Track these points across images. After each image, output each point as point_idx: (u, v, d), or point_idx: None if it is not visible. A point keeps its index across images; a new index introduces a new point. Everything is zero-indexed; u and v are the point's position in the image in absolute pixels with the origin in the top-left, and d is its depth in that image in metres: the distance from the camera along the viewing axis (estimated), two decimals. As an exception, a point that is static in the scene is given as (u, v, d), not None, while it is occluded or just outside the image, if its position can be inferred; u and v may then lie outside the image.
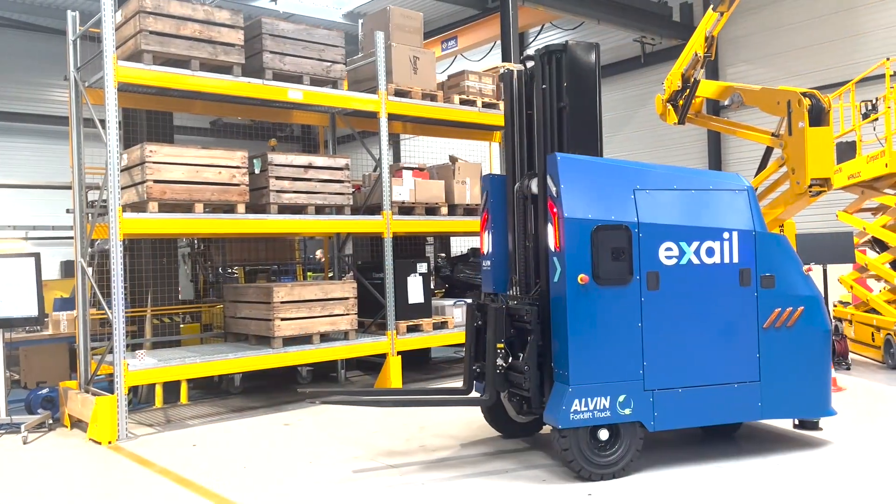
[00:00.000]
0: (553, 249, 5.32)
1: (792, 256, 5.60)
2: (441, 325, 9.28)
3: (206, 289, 10.40)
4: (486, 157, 13.31)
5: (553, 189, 5.31)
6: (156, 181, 7.06)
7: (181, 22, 7.26)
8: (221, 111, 8.78)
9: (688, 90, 10.68)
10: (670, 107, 11.08)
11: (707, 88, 10.89)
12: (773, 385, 5.42)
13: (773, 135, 9.93)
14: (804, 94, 9.15)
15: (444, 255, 12.43)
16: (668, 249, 5.31)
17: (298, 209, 8.11)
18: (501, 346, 5.73)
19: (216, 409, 8.17)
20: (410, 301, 9.02)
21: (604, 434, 5.13)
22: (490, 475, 5.30)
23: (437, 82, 9.50)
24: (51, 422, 7.42)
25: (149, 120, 8.96)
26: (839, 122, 10.82)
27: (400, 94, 8.90)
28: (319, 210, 8.23)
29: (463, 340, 9.95)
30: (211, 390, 9.13)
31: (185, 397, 8.53)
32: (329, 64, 8.32)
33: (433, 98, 9.19)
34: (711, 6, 9.97)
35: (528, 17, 16.53)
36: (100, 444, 6.66)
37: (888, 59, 9.95)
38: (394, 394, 7.13)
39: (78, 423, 7.40)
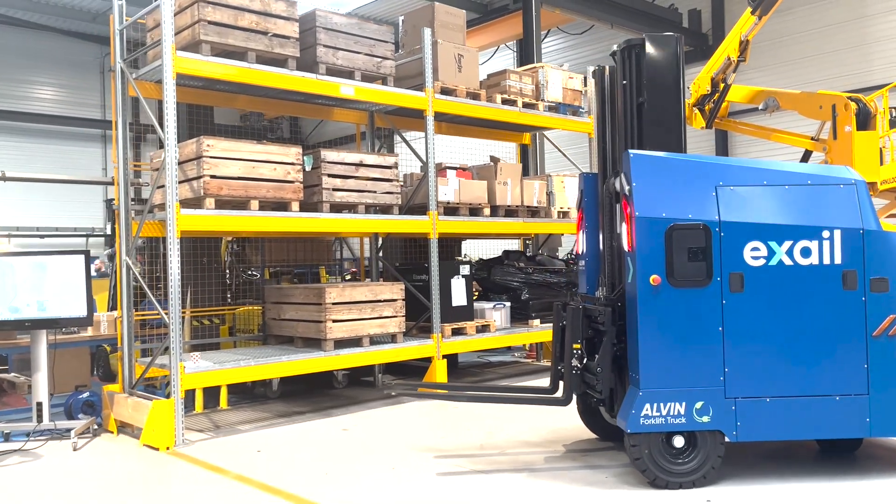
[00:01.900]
0: (626, 249, 5.20)
1: None
2: (483, 329, 9.11)
3: (242, 290, 10.09)
4: (511, 157, 13.20)
5: (626, 187, 5.19)
6: (213, 176, 6.80)
7: (239, 12, 7.03)
8: (265, 107, 8.54)
9: (717, 94, 10.69)
10: (697, 111, 11.07)
11: (738, 93, 10.92)
12: (885, 400, 4.93)
13: (812, 138, 9.97)
14: (850, 98, 9.20)
15: (462, 257, 12.27)
16: (755, 250, 5.01)
17: (349, 208, 7.90)
18: (578, 346, 5.61)
19: (261, 414, 7.90)
20: (454, 304, 8.84)
21: (679, 441, 4.93)
22: (586, 479, 5.15)
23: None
24: (95, 427, 7.09)
25: (189, 115, 8.67)
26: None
27: (445, 91, 8.73)
28: (369, 209, 8.03)
29: (505, 345, 9.93)
30: (246, 395, 8.85)
31: (224, 402, 8.25)
32: (379, 60, 8.13)
33: (476, 97, 9.04)
34: (750, 9, 9.99)
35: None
36: (157, 449, 6.38)
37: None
38: (473, 390, 6.93)
39: (123, 428, 7.09)
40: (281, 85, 7.32)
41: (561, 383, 5.83)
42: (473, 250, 15.48)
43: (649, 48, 5.66)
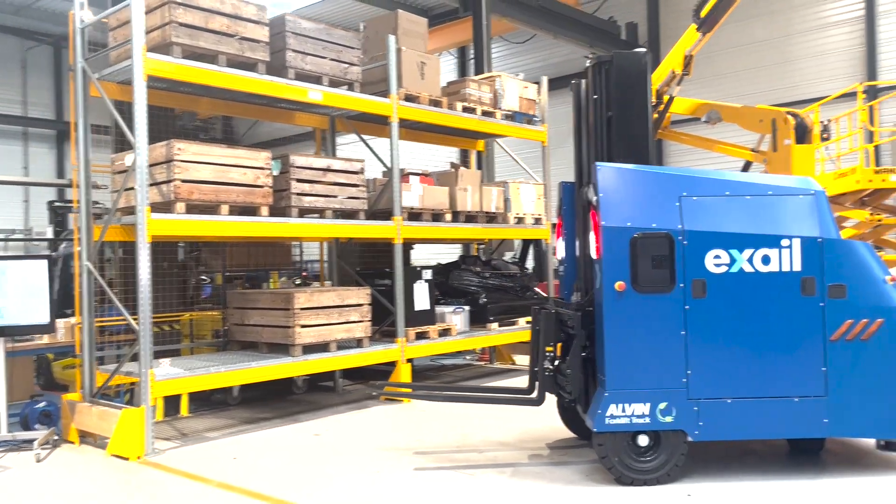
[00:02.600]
0: (594, 257, 5.44)
1: (869, 265, 5.21)
2: (445, 332, 9.24)
3: (196, 295, 9.89)
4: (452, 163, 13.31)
5: (594, 198, 5.41)
6: (184, 180, 6.70)
7: (209, 15, 6.95)
8: (228, 109, 8.43)
9: (661, 106, 11.15)
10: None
11: (682, 105, 11.40)
12: (842, 401, 5.09)
13: (753, 150, 10.52)
14: (789, 113, 9.76)
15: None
16: (717, 257, 5.20)
17: (317, 213, 7.90)
18: (551, 349, 5.83)
19: (225, 420, 7.80)
20: (417, 308, 8.94)
21: (644, 440, 5.14)
22: (566, 478, 5.34)
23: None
24: (55, 438, 6.86)
25: (151, 117, 8.44)
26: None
27: (409, 98, 8.83)
28: (336, 214, 8.04)
29: (466, 348, 10.07)
30: (204, 402, 8.70)
31: (185, 409, 8.10)
32: (347, 66, 8.16)
33: (438, 104, 9.16)
34: (695, 25, 10.45)
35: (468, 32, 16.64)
36: (126, 459, 6.23)
37: (860, 83, 10.71)
38: (448, 391, 7.03)
39: (84, 438, 6.89)
40: (252, 89, 7.27)
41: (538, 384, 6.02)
42: (417, 256, 15.60)
43: (618, 64, 5.90)
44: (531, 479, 5.35)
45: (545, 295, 10.87)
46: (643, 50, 6.20)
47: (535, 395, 5.90)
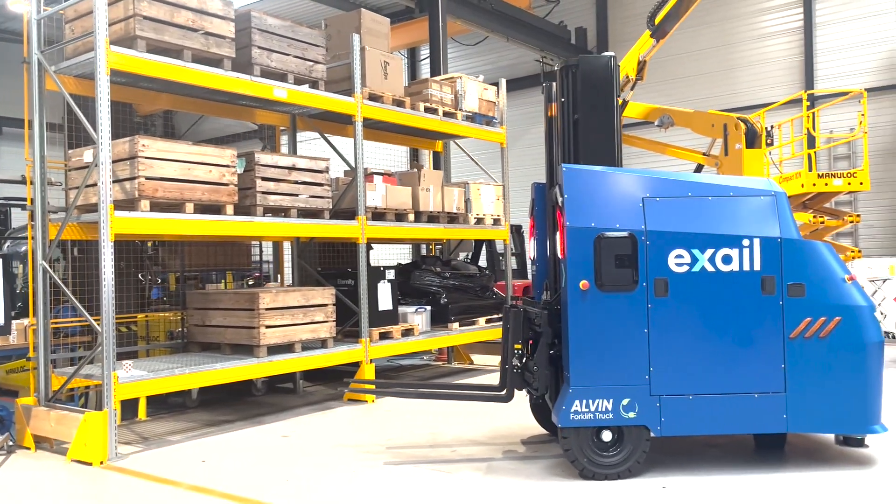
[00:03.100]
0: (560, 257, 5.56)
1: (828, 264, 5.32)
2: (408, 332, 9.24)
3: (162, 295, 9.62)
4: (405, 164, 13.32)
5: (560, 199, 5.52)
6: (148, 178, 6.54)
7: (175, 9, 6.80)
8: (188, 106, 8.24)
9: (615, 110, 11.36)
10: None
11: (635, 109, 11.68)
12: (801, 397, 5.22)
13: (704, 154, 10.85)
14: (739, 119, 10.10)
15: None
16: (679, 257, 5.30)
17: (282, 211, 7.81)
18: (519, 346, 5.92)
19: (186, 423, 7.63)
20: (380, 308, 8.92)
21: (607, 435, 5.25)
22: (541, 472, 5.42)
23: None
24: (10, 444, 6.60)
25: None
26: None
27: (373, 98, 8.81)
28: (301, 213, 7.96)
29: (429, 348, 10.07)
30: (161, 405, 8.50)
31: (143, 413, 7.88)
32: (312, 63, 8.09)
33: (401, 104, 9.16)
34: (649, 32, 10.73)
35: (422, 32, 16.68)
36: (89, 464, 6.04)
37: (805, 91, 11.14)
38: (419, 388, 7.05)
39: (40, 444, 6.66)
40: (218, 86, 7.14)
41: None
42: (371, 256, 15.53)
43: (584, 68, 6.02)
44: (507, 475, 5.41)
45: (503, 295, 10.99)
46: (610, 54, 6.32)
47: (504, 392, 5.99)
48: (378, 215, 8.87)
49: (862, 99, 10.08)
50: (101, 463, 6.07)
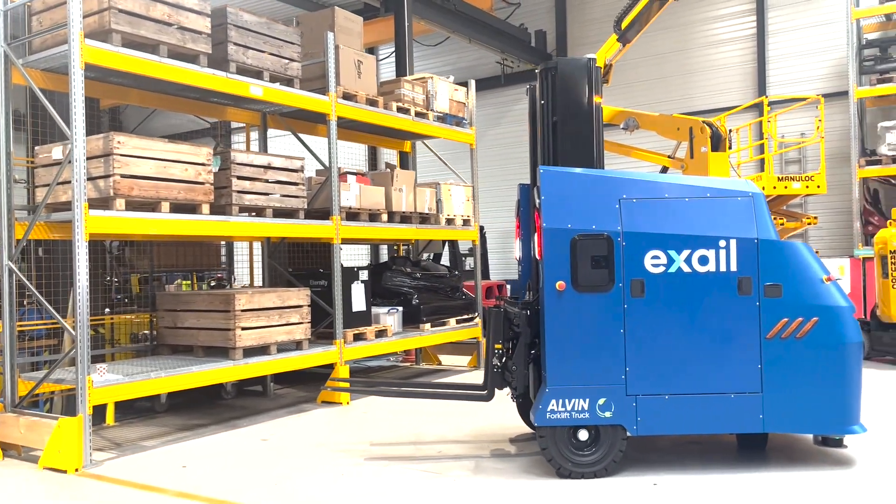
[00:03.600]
0: (538, 258, 5.61)
1: (805, 265, 5.34)
2: (381, 334, 9.18)
3: (129, 297, 9.33)
4: (363, 162, 13.19)
5: (537, 200, 5.57)
6: (123, 175, 6.35)
7: (151, 3, 6.62)
8: (157, 102, 8.02)
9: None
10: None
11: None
12: (778, 397, 5.25)
13: (670, 157, 11.06)
14: (705, 122, 10.33)
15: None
16: (655, 258, 5.33)
17: (257, 211, 7.68)
18: (499, 346, 5.95)
19: (158, 428, 7.44)
20: (354, 309, 8.84)
21: (584, 434, 5.30)
22: (532, 470, 5.46)
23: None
24: (-25, 452, 6.34)
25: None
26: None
27: (347, 97, 8.74)
28: (276, 212, 7.84)
29: (402, 348, 10.02)
30: (129, 410, 8.26)
31: (111, 418, 7.64)
32: (287, 61, 7.97)
33: (374, 103, 9.10)
34: (615, 36, 10.89)
35: (386, 31, 16.63)
36: (64, 472, 5.83)
37: (766, 96, 11.45)
38: (400, 387, 7.02)
39: (8, 451, 6.40)
40: (194, 82, 6.97)
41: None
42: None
43: (561, 71, 6.06)
44: (496, 475, 5.42)
45: (472, 295, 11.01)
46: (590, 56, 6.40)
47: (486, 391, 6.01)
48: (352, 215, 8.80)
49: (819, 105, 10.42)
50: (76, 470, 5.86)
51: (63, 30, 6.35)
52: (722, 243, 5.34)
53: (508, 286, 16.39)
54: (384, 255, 18.78)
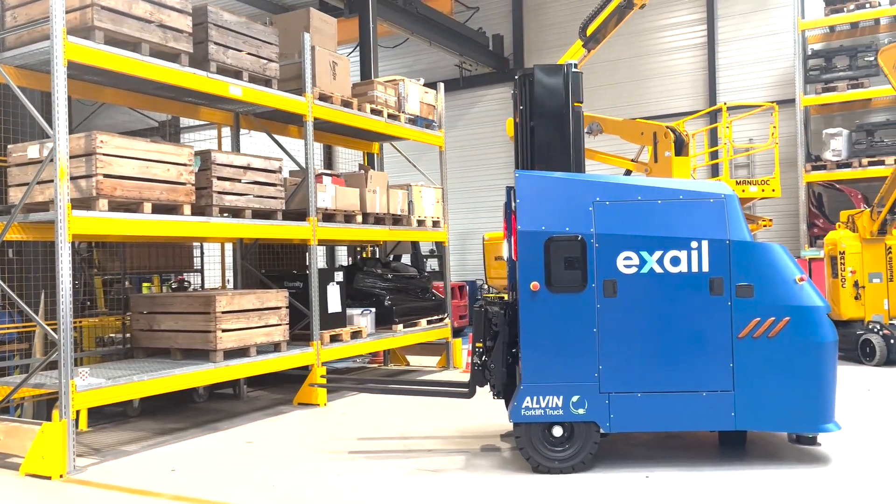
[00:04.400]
0: (513, 259, 5.77)
1: (778, 266, 5.42)
2: (356, 335, 9.20)
3: (91, 300, 9.08)
4: (320, 163, 13.17)
5: (513, 203, 5.71)
6: (106, 175, 6.24)
7: (133, 0, 6.51)
8: (131, 101, 7.87)
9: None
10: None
11: (564, 116, 12.06)
12: (750, 396, 5.32)
13: (633, 160, 11.37)
14: (668, 128, 10.66)
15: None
16: (628, 259, 5.42)
17: (236, 212, 7.61)
18: (480, 345, 6.07)
19: (135, 433, 7.31)
20: (330, 310, 8.83)
21: (558, 431, 5.42)
22: (524, 466, 5.59)
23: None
24: (-51, 460, 6.13)
25: (45, 105, 7.70)
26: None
27: (323, 98, 8.73)
28: (255, 213, 7.79)
29: (378, 349, 10.02)
30: (101, 415, 8.07)
31: (84, 423, 7.48)
32: (266, 62, 7.93)
33: (349, 105, 9.12)
34: (581, 41, 11.15)
35: (348, 32, 16.64)
36: (48, 478, 5.70)
37: (725, 102, 11.87)
38: (398, 381, 7.06)
39: (-17, 459, 6.23)
40: (176, 82, 6.88)
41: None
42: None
43: (537, 77, 6.21)
44: (492, 471, 5.53)
45: (442, 296, 11.10)
46: (572, 62, 6.57)
47: (468, 389, 6.15)
48: (328, 216, 8.79)
49: (774, 112, 10.86)
50: (61, 476, 5.74)
51: (42, 26, 6.22)
52: (694, 244, 5.43)
53: (467, 286, 16.55)
54: (341, 257, 18.72)
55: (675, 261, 5.42)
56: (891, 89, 13.72)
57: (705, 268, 5.40)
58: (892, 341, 10.06)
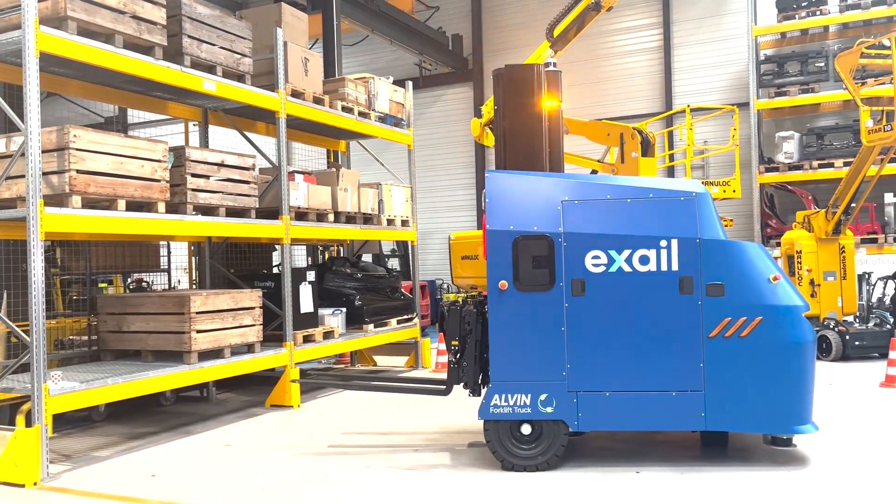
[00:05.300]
0: (484, 258, 5.80)
1: (751, 265, 5.32)
2: (328, 335, 9.08)
3: (48, 301, 8.70)
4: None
5: (484, 203, 5.74)
6: (79, 171, 6.01)
7: (107, -10, 6.30)
8: (97, 94, 7.61)
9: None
10: (488, 130, 12.16)
11: (530, 116, 12.15)
12: (720, 396, 5.26)
13: (599, 161, 11.51)
14: (634, 129, 10.83)
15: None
16: (596, 258, 5.39)
17: (209, 210, 7.43)
18: (456, 342, 6.06)
19: (105, 438, 7.06)
20: (302, 311, 8.70)
21: (526, 429, 5.44)
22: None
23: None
24: (-90, 470, 5.80)
25: (8, 97, 7.36)
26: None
27: (295, 94, 8.59)
28: (229, 211, 7.61)
29: (350, 349, 9.92)
30: (63, 421, 7.77)
31: (50, 429, 7.18)
32: (239, 56, 7.76)
33: (321, 102, 9.00)
34: (548, 42, 11.24)
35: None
36: (22, 486, 5.46)
37: (688, 105, 12.11)
38: (371, 380, 6.98)
39: (-54, 469, 5.91)
40: (149, 75, 6.68)
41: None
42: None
43: (507, 76, 6.21)
44: (479, 468, 5.52)
45: (411, 296, 11.05)
46: (551, 61, 6.59)
47: (445, 386, 6.15)
48: (300, 215, 8.66)
49: (735, 115, 11.13)
50: (35, 484, 5.51)
51: (10, 15, 5.95)
52: (663, 243, 5.36)
53: (428, 286, 16.52)
54: (298, 257, 18.46)
55: (644, 259, 5.38)
56: (840, 94, 14.24)
57: (675, 266, 5.34)
58: (846, 337, 10.42)
